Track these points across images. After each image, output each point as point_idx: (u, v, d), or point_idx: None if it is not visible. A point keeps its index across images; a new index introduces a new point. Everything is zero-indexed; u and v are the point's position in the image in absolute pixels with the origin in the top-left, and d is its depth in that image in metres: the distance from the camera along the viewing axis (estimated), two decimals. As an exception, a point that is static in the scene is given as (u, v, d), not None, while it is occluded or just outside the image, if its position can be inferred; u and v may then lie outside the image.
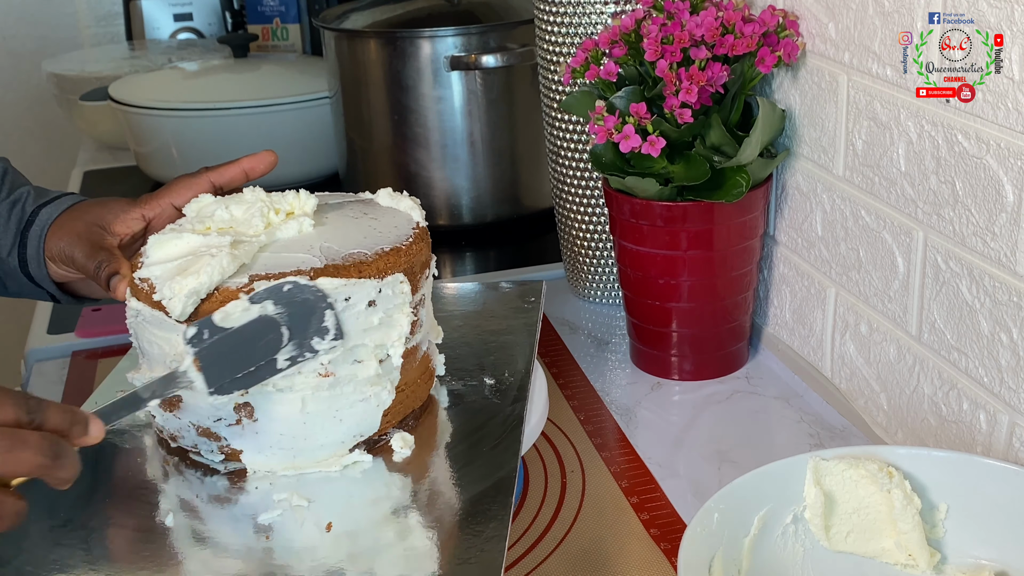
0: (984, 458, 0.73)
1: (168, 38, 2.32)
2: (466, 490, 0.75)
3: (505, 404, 0.84)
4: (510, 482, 0.74)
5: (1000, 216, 0.75)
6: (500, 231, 1.47)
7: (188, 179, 0.88)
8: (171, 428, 0.78)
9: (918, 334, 0.86)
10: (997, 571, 0.71)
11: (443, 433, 0.82)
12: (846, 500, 0.73)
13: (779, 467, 0.73)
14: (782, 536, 0.73)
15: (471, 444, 0.79)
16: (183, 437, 0.78)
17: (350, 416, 0.76)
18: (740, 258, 1.01)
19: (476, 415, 0.82)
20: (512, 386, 0.86)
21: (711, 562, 0.67)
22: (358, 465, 0.77)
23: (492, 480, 0.74)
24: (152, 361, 0.77)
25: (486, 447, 0.78)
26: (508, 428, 0.81)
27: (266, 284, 0.72)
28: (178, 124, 1.63)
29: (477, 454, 0.78)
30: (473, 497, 0.73)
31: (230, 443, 0.76)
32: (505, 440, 0.79)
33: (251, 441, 0.76)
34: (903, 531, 0.72)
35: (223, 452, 0.77)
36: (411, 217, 0.84)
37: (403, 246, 0.79)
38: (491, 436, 0.80)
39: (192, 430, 0.77)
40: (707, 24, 0.93)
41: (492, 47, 1.38)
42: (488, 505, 0.72)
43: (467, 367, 0.89)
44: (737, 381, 1.05)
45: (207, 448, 0.77)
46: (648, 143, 0.93)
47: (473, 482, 0.75)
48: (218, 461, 0.77)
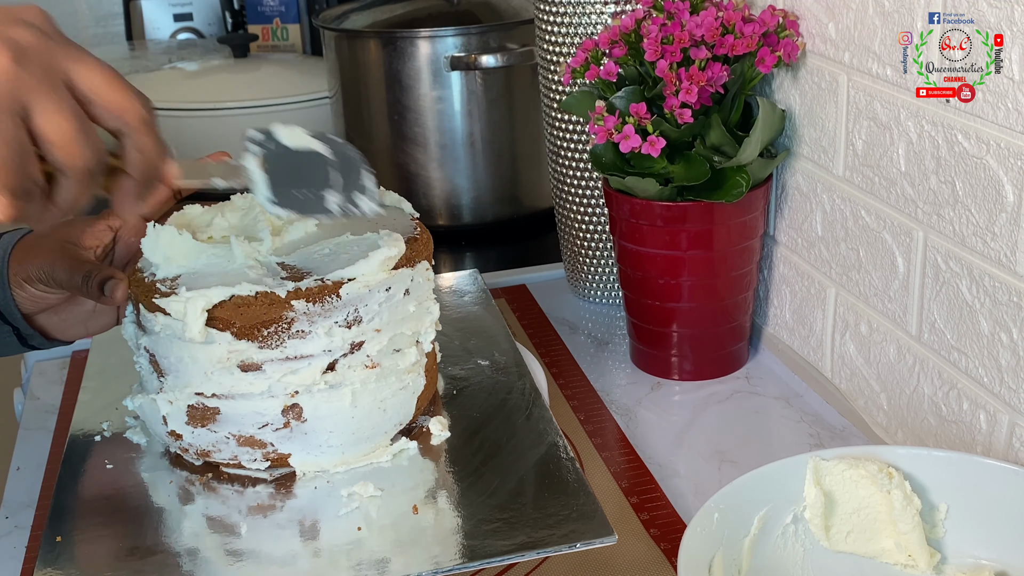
0: (984, 458, 0.73)
1: (168, 38, 2.32)
2: (524, 458, 0.78)
3: (512, 379, 0.87)
4: (563, 443, 0.79)
5: (1000, 216, 0.75)
6: (500, 231, 1.47)
7: None
8: (202, 444, 0.77)
9: (918, 334, 0.86)
10: (997, 571, 0.71)
11: (469, 412, 0.84)
12: (846, 500, 0.73)
13: (779, 467, 0.73)
14: (782, 536, 0.73)
15: (503, 418, 0.83)
16: (219, 451, 0.77)
17: (392, 405, 0.78)
18: (740, 258, 1.01)
19: (492, 392, 0.86)
20: (508, 363, 0.89)
21: (711, 562, 0.67)
22: (404, 452, 0.79)
23: (544, 445, 0.78)
24: (180, 378, 0.76)
25: (519, 419, 0.83)
26: (530, 398, 0.85)
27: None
28: (178, 124, 1.63)
29: (514, 425, 0.82)
30: (537, 462, 0.77)
31: (277, 448, 0.76)
32: (534, 409, 0.84)
33: (300, 443, 0.76)
34: (903, 531, 0.72)
35: (268, 459, 0.77)
36: (402, 210, 0.85)
37: (417, 236, 0.81)
38: (518, 408, 0.84)
39: (231, 442, 0.76)
40: (707, 24, 0.93)
41: (492, 47, 1.38)
42: (554, 467, 0.77)
43: (455, 353, 0.92)
44: (737, 381, 1.05)
45: (249, 457, 0.77)
46: (648, 143, 0.93)
47: (527, 449, 0.78)
48: (263, 469, 0.77)
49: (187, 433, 0.77)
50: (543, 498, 0.74)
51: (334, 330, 0.74)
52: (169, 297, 0.74)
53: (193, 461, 0.79)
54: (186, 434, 0.77)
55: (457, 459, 0.79)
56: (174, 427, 0.77)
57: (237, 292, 0.73)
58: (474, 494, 0.75)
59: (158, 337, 0.76)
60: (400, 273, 0.77)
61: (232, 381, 0.74)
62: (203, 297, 0.73)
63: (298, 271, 0.76)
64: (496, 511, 0.73)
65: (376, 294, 0.75)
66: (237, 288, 0.73)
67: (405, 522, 0.72)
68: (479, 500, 0.74)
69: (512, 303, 1.22)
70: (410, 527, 0.72)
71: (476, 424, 0.83)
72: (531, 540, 0.69)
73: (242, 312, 0.73)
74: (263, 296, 0.73)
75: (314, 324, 0.74)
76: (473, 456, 0.79)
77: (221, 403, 0.75)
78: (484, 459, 0.79)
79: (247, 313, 0.73)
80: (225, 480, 0.77)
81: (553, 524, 0.71)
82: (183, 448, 0.79)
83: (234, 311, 0.73)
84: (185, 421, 0.76)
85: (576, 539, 0.69)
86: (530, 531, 0.70)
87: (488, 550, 0.69)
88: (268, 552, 0.70)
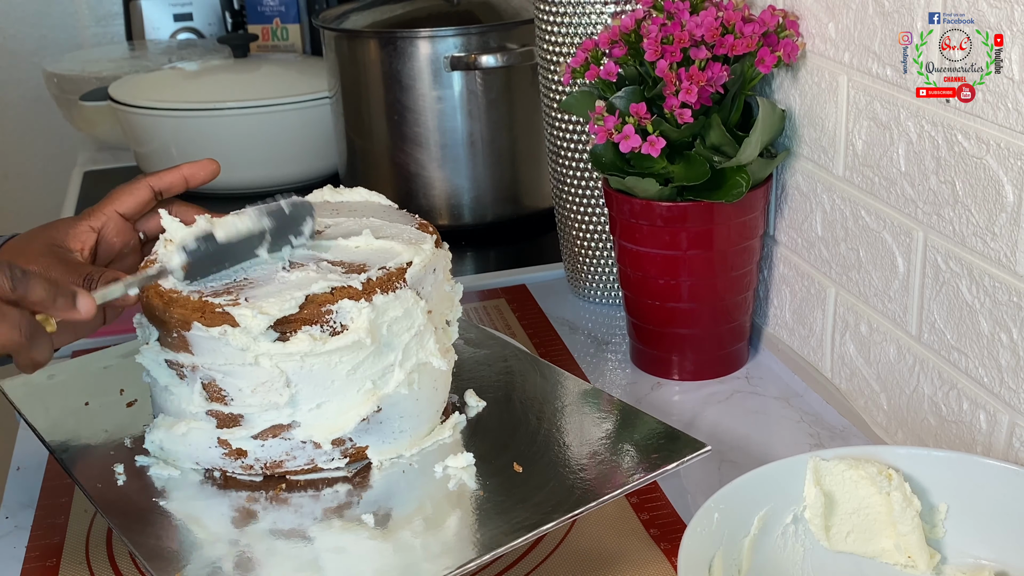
0: (984, 458, 0.73)
1: (168, 38, 2.32)
2: (569, 408, 0.84)
3: (496, 350, 0.92)
4: (590, 386, 0.87)
5: (1000, 216, 0.75)
6: (500, 231, 1.47)
7: (128, 186, 0.87)
8: (273, 455, 0.75)
9: (918, 334, 0.86)
10: (997, 571, 0.71)
11: (486, 382, 0.88)
12: (846, 500, 0.73)
13: (779, 467, 0.73)
14: (782, 536, 0.73)
15: (521, 380, 0.88)
16: (293, 459, 0.76)
17: (441, 384, 0.80)
18: (740, 258, 1.01)
19: (489, 363, 0.90)
20: (479, 338, 0.93)
21: (711, 562, 0.67)
22: (458, 426, 0.81)
23: (578, 390, 0.86)
24: (253, 395, 0.73)
25: (535, 378, 0.88)
26: (528, 360, 0.90)
27: (264, 204, 0.77)
28: (178, 124, 1.63)
29: (536, 384, 0.87)
30: (582, 408, 0.84)
31: (356, 442, 0.76)
32: (540, 367, 0.89)
33: (376, 434, 0.77)
34: (902, 532, 0.72)
35: (347, 455, 0.76)
36: (388, 204, 0.88)
37: (425, 222, 0.84)
38: (526, 370, 0.89)
39: (307, 446, 0.75)
40: (707, 24, 0.93)
41: (492, 47, 1.38)
42: (605, 407, 0.83)
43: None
44: (737, 381, 1.05)
45: (327, 458, 0.76)
46: (648, 143, 0.93)
47: (568, 402, 0.85)
48: (343, 466, 0.76)
49: (254, 448, 0.75)
50: (618, 434, 0.80)
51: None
52: (238, 307, 0.71)
53: (253, 478, 0.76)
54: (253, 449, 0.75)
55: (510, 421, 0.82)
56: (239, 445, 0.75)
57: (313, 291, 0.72)
58: (553, 447, 0.78)
59: (219, 354, 0.72)
60: (439, 252, 0.80)
61: (312, 386, 0.73)
62: (281, 300, 0.71)
63: (352, 264, 0.77)
64: (584, 458, 0.77)
65: (429, 275, 0.78)
66: (313, 287, 0.73)
67: (514, 480, 0.75)
68: (560, 451, 0.78)
69: (512, 303, 1.22)
70: (522, 483, 0.74)
71: (501, 389, 0.86)
72: (635, 469, 0.75)
73: (315, 310, 0.72)
74: (340, 291, 0.73)
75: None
76: (525, 416, 0.82)
77: (298, 413, 0.74)
78: (536, 418, 0.82)
79: (316, 312, 0.72)
80: (299, 488, 0.75)
81: (643, 452, 0.77)
82: (246, 466, 0.76)
83: (315, 310, 0.72)
84: (254, 435, 0.75)
85: (676, 459, 0.75)
86: (630, 462, 0.76)
87: (606, 487, 0.73)
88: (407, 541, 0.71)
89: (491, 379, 0.87)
